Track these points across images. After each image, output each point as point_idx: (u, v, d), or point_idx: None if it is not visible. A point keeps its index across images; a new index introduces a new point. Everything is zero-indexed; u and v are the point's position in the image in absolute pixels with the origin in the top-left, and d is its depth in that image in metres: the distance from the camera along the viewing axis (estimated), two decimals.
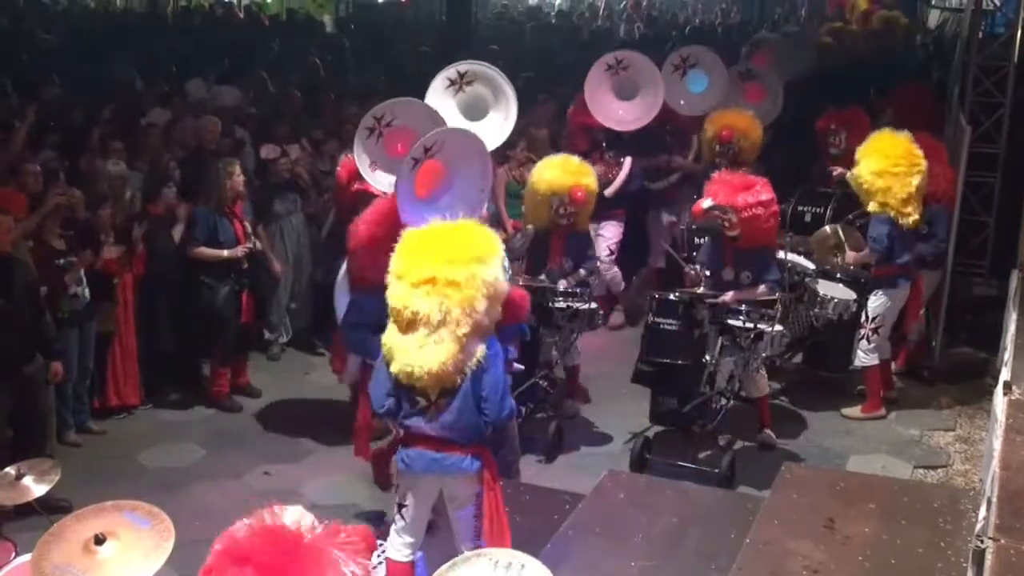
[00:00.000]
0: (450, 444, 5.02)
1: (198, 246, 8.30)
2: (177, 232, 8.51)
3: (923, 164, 8.11)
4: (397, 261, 4.97)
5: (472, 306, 4.79)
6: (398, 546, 5.27)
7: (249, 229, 8.47)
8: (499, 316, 5.02)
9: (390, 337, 4.93)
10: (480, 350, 4.87)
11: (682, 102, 10.16)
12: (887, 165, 8.06)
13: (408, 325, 4.83)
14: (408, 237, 5.07)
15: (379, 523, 6.31)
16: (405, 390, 4.97)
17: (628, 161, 9.88)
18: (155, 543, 4.24)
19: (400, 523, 5.25)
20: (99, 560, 4.14)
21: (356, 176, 7.04)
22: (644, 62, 9.84)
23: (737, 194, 7.51)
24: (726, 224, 7.56)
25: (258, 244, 8.50)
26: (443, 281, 4.78)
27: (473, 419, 4.97)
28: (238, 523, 3.28)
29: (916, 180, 8.06)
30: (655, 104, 9.72)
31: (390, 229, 5.87)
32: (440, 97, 7.15)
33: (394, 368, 4.90)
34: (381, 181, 6.66)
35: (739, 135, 9.30)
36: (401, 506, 5.22)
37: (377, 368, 5.17)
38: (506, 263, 5.13)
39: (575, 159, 8.35)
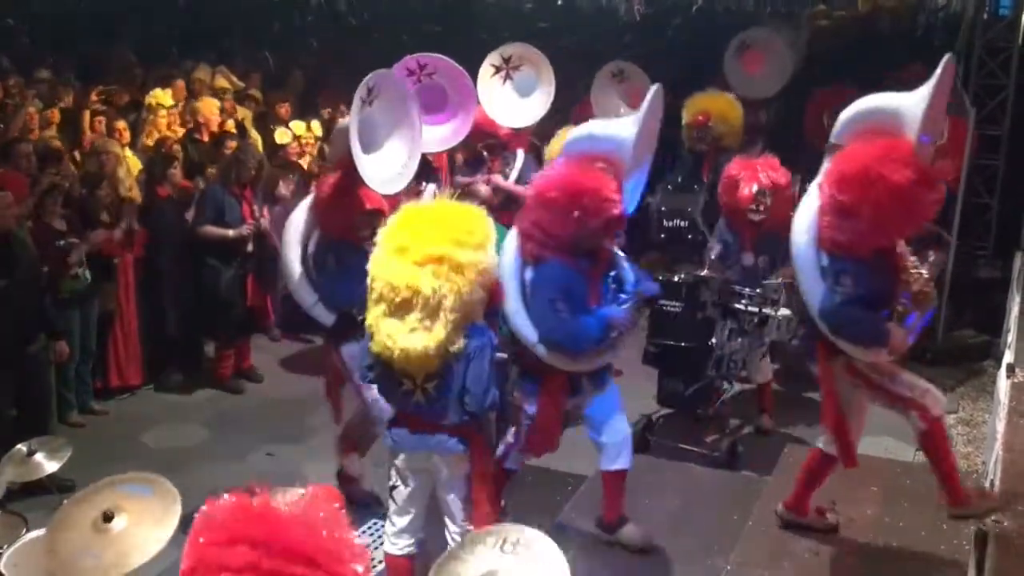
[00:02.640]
0: (435, 425, 4.89)
1: (205, 224, 8.28)
2: (191, 213, 8.53)
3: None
4: (398, 234, 4.77)
5: (469, 293, 4.67)
6: (393, 536, 5.13)
7: (257, 212, 8.45)
8: (485, 304, 4.91)
9: (375, 316, 4.74)
10: (462, 340, 4.71)
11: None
12: None
13: (401, 305, 4.65)
14: (411, 211, 4.90)
15: (379, 506, 6.30)
16: (388, 370, 4.84)
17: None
18: (163, 507, 4.25)
19: (392, 506, 5.13)
20: (113, 536, 4.16)
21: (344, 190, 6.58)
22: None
23: (777, 175, 7.51)
24: (761, 208, 7.52)
25: (264, 224, 8.47)
26: (451, 263, 4.63)
27: (454, 407, 4.84)
28: (208, 507, 3.06)
29: None
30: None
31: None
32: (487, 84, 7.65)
33: (375, 347, 4.75)
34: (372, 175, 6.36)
35: (716, 118, 9.17)
36: (392, 488, 5.10)
37: (362, 344, 5.04)
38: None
39: None
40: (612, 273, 5.72)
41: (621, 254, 5.87)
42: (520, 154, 8.59)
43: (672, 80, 9.50)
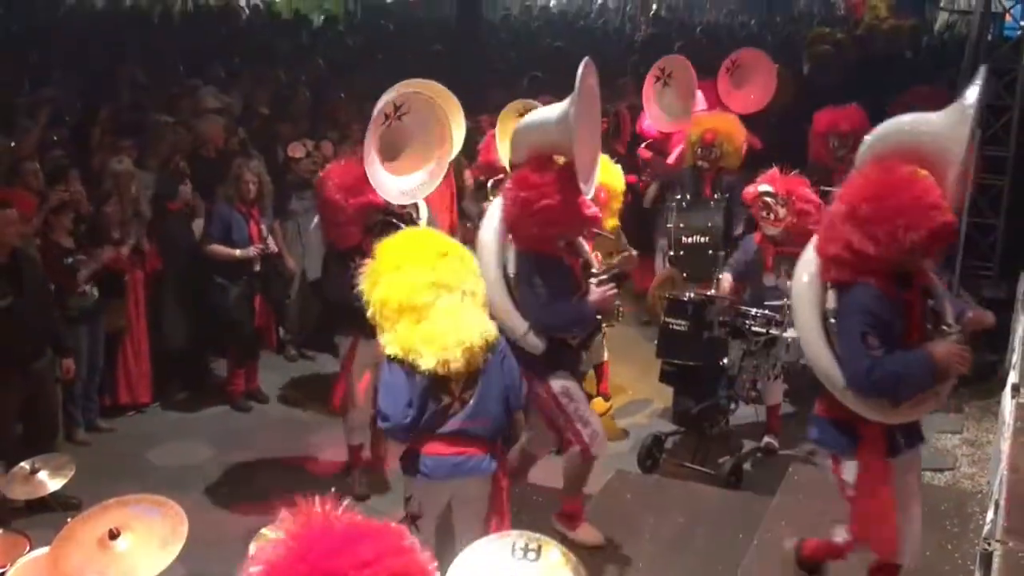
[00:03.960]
0: (469, 443, 4.76)
1: (212, 243, 8.30)
2: (197, 228, 8.54)
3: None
4: (388, 259, 4.72)
5: (480, 284, 4.79)
6: None
7: (265, 232, 8.46)
8: None
9: (406, 335, 4.56)
10: (492, 327, 4.72)
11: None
12: None
13: (428, 307, 4.57)
14: (387, 243, 4.85)
15: None
16: (431, 389, 4.64)
17: None
18: (170, 528, 4.27)
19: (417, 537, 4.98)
20: (118, 554, 4.18)
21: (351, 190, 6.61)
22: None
23: (796, 187, 7.48)
24: (771, 217, 7.48)
25: (272, 246, 8.48)
26: (455, 254, 4.74)
27: (496, 408, 4.77)
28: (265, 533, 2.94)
29: None
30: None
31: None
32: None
33: (428, 364, 4.52)
34: (387, 186, 6.37)
35: (722, 138, 9.21)
36: (415, 518, 4.88)
37: (387, 383, 4.73)
38: None
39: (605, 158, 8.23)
40: (930, 302, 4.83)
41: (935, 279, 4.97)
42: None
43: None
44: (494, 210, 5.80)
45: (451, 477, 4.81)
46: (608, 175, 7.95)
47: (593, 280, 5.75)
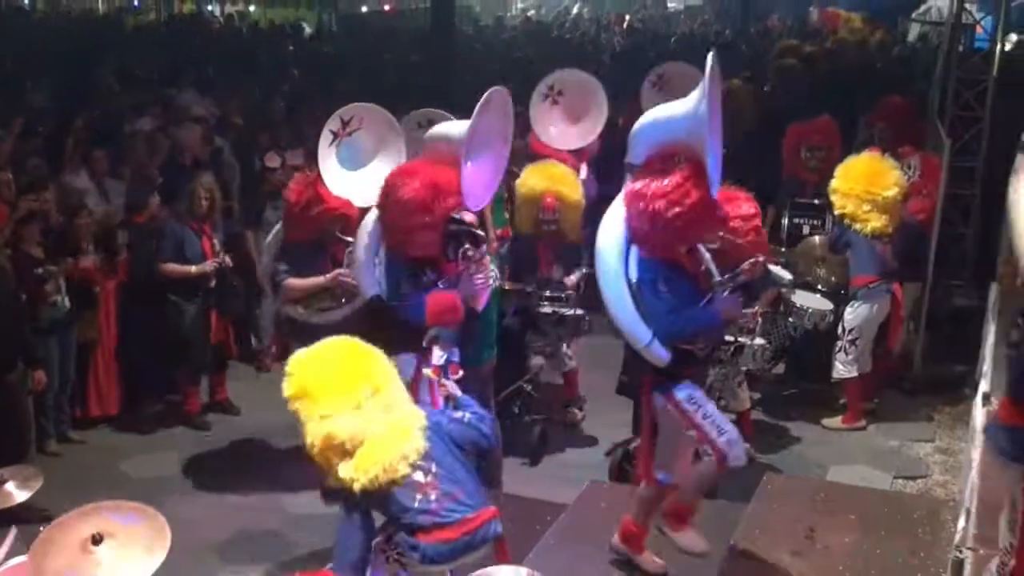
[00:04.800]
0: (465, 518, 4.59)
1: (166, 261, 8.18)
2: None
3: (891, 186, 8.18)
4: (314, 401, 4.52)
5: (390, 383, 4.60)
6: None
7: (218, 247, 8.36)
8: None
9: (345, 469, 4.43)
10: (416, 414, 4.59)
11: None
12: (860, 188, 8.14)
13: (354, 447, 4.45)
14: (300, 374, 4.60)
15: None
16: (393, 502, 4.52)
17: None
18: (154, 533, 4.24)
19: None
20: (99, 560, 4.14)
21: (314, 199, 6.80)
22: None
23: (734, 206, 7.47)
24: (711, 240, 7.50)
25: (227, 261, 8.38)
26: (374, 389, 4.52)
27: (466, 471, 4.66)
28: None
29: (887, 194, 8.14)
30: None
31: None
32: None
33: (368, 479, 4.40)
34: (351, 190, 6.70)
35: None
36: None
37: (341, 524, 4.60)
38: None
39: (560, 166, 8.30)
40: None
41: None
42: None
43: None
44: (614, 217, 5.42)
45: (469, 552, 4.64)
46: (561, 183, 7.96)
47: (719, 288, 5.50)
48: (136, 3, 26.49)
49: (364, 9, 26.52)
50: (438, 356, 5.79)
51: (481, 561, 4.59)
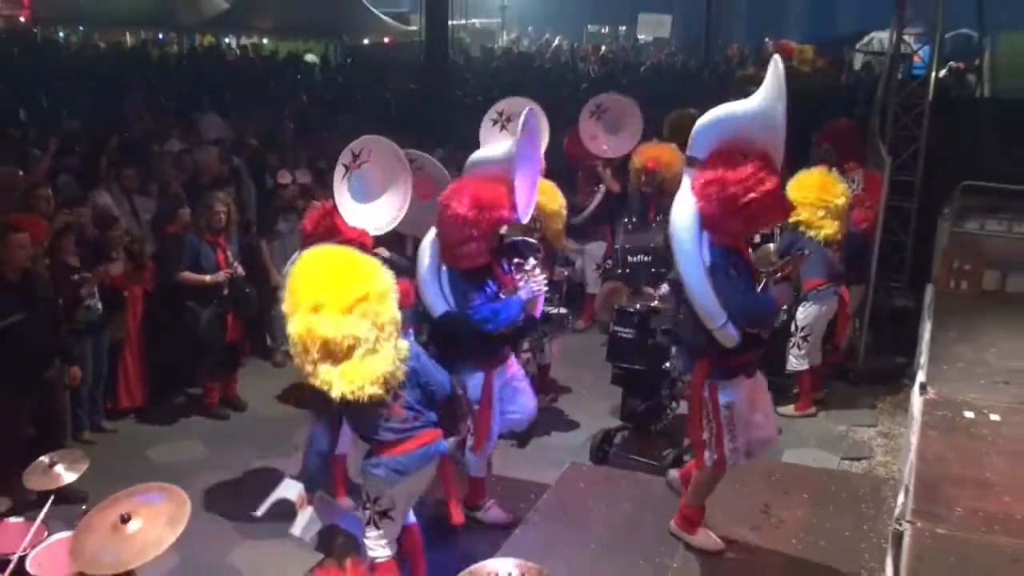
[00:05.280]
0: (423, 435, 4.83)
1: (183, 271, 8.15)
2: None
3: (840, 195, 8.25)
4: (309, 291, 4.57)
5: (394, 311, 4.65)
6: (385, 544, 4.99)
7: (232, 259, 8.33)
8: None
9: (325, 371, 4.52)
10: (404, 345, 4.71)
11: (604, 147, 10.20)
12: (813, 196, 8.20)
13: (346, 353, 4.52)
14: (307, 265, 4.68)
15: None
16: (363, 411, 4.69)
17: (602, 189, 10.04)
18: (175, 508, 4.28)
19: (384, 528, 4.95)
20: (130, 535, 4.18)
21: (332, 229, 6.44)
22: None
23: None
24: None
25: (239, 271, 8.34)
26: (374, 296, 4.56)
27: (427, 399, 4.86)
28: None
29: (838, 202, 8.20)
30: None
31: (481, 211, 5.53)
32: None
33: (340, 391, 4.53)
34: (365, 220, 6.40)
35: (662, 165, 9.24)
36: (385, 514, 4.91)
37: (317, 431, 4.83)
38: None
39: (542, 180, 8.26)
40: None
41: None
42: None
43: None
44: (685, 206, 5.16)
45: (424, 464, 4.87)
46: (544, 194, 7.95)
47: (766, 278, 5.35)
48: (160, 37, 26.39)
49: (366, 41, 26.43)
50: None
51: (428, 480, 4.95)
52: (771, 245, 8.93)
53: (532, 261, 5.76)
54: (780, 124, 4.97)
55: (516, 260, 5.80)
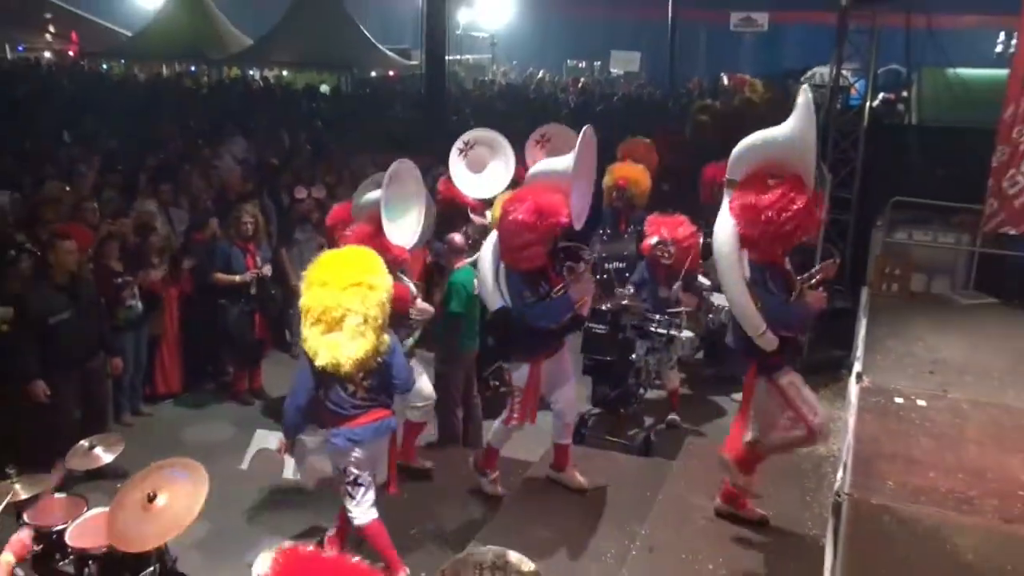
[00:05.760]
0: (378, 412, 4.93)
1: (215, 272, 8.17)
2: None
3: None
4: (320, 272, 4.72)
5: (384, 303, 4.73)
6: (367, 508, 5.02)
7: (260, 262, 8.30)
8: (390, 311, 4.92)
9: (315, 336, 4.66)
10: (387, 338, 4.79)
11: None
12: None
13: (336, 322, 4.63)
14: (326, 257, 4.83)
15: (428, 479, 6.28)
16: (334, 380, 4.79)
17: None
18: (196, 483, 4.27)
19: (359, 493, 4.99)
20: (158, 509, 4.17)
21: (346, 223, 6.33)
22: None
23: (676, 229, 7.52)
24: (664, 255, 7.54)
25: (265, 271, 8.32)
26: (366, 284, 4.68)
27: (387, 391, 4.96)
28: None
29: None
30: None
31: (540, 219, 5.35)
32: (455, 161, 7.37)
33: (322, 361, 4.65)
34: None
35: (632, 183, 9.18)
36: (356, 480, 4.97)
37: (301, 370, 4.89)
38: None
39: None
40: None
41: None
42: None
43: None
44: (726, 227, 5.02)
45: (377, 437, 4.96)
46: None
47: (802, 285, 5.24)
48: (192, 69, 26.28)
49: (373, 74, 26.37)
50: None
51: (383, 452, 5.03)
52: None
53: (583, 265, 5.62)
54: (810, 147, 4.86)
55: (568, 264, 5.64)
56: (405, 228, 5.90)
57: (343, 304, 4.62)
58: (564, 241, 5.61)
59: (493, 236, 5.81)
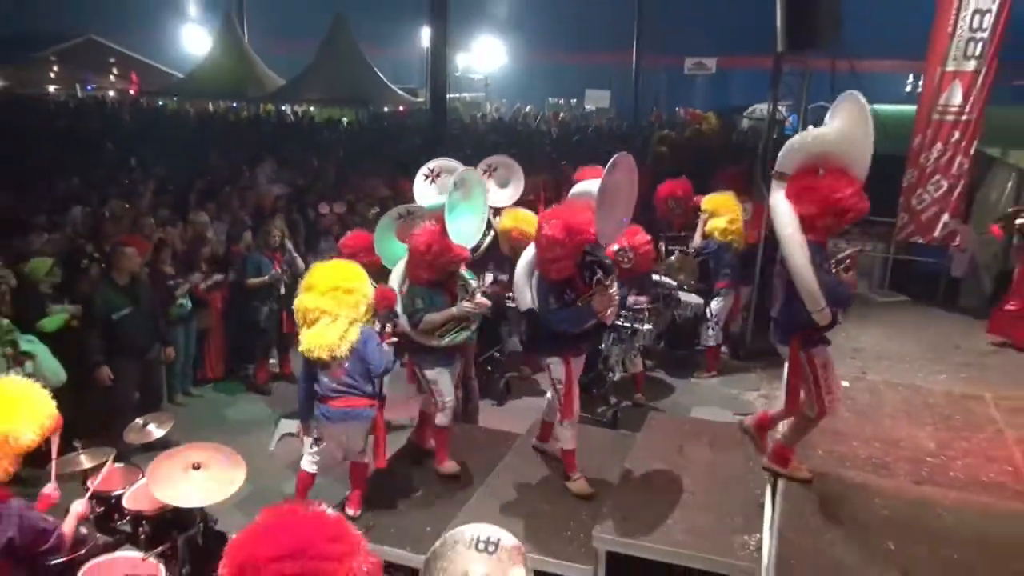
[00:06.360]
0: (353, 399, 4.98)
1: (248, 277, 8.12)
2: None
3: (743, 210, 8.51)
4: (309, 280, 4.95)
5: (358, 303, 4.89)
6: (309, 464, 5.20)
7: (285, 267, 8.21)
8: (371, 311, 5.00)
9: (302, 332, 4.90)
10: (355, 331, 4.87)
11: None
12: (731, 215, 8.32)
13: (314, 321, 4.84)
14: (317, 268, 5.04)
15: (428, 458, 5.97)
16: (319, 369, 4.96)
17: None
18: (233, 466, 4.23)
19: (315, 448, 5.18)
20: (196, 481, 4.11)
21: (362, 250, 6.07)
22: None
23: (635, 237, 7.47)
24: (624, 261, 7.47)
25: (299, 262, 8.21)
26: (342, 288, 4.86)
27: (362, 377, 4.97)
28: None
29: (738, 217, 8.41)
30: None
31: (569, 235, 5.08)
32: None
33: (303, 351, 4.88)
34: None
35: None
36: (317, 440, 5.16)
37: (302, 368, 5.12)
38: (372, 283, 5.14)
39: (523, 210, 7.63)
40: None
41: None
42: None
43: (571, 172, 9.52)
44: (785, 213, 4.70)
45: (341, 422, 5.02)
46: (522, 223, 7.84)
47: (836, 267, 4.93)
48: (234, 105, 26.19)
49: (386, 109, 26.31)
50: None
51: (358, 437, 5.10)
52: (673, 257, 8.93)
53: (611, 279, 5.33)
54: (859, 142, 4.65)
55: (597, 277, 5.32)
56: (467, 231, 5.71)
57: (320, 306, 4.83)
58: (591, 255, 5.32)
59: (532, 247, 5.52)
